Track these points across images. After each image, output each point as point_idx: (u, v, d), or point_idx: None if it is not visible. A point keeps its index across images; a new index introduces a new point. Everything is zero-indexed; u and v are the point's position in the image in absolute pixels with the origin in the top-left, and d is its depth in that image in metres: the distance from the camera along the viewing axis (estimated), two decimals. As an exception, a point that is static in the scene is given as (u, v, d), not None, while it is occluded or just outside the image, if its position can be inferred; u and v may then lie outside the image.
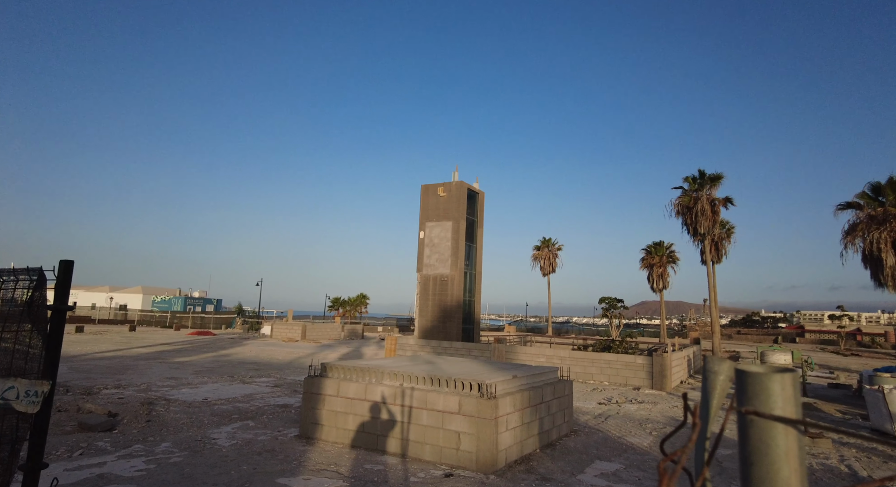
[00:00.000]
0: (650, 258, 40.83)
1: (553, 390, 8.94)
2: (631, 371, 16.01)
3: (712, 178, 28.82)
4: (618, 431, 9.52)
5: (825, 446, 8.64)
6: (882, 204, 22.70)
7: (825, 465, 7.68)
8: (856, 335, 60.16)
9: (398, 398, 7.74)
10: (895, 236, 21.85)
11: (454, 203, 21.63)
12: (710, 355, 2.23)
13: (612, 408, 11.89)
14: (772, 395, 0.72)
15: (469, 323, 21.82)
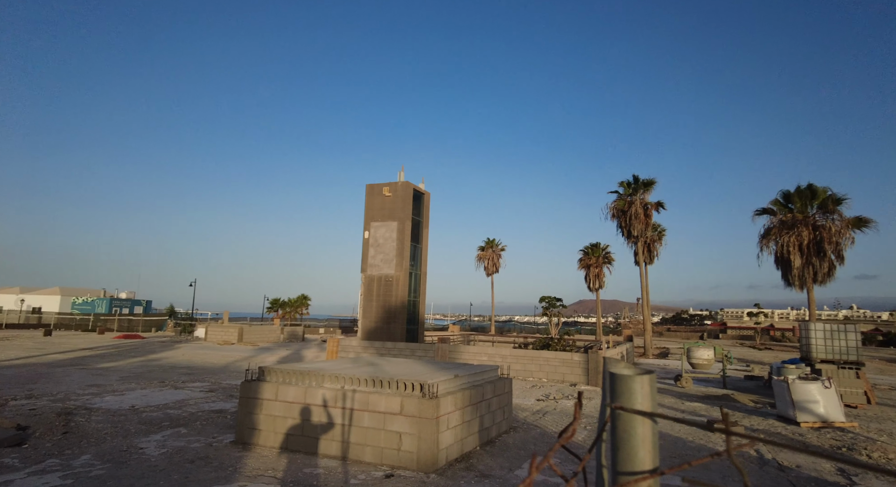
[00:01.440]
0: (587, 259, 42.46)
1: (493, 388, 9.15)
2: (568, 368, 16.63)
3: (645, 183, 30.41)
4: (554, 426, 9.88)
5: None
6: (791, 211, 24.84)
7: (738, 452, 8.34)
8: (769, 330, 65.36)
9: (339, 400, 7.66)
10: (802, 240, 23.98)
11: (399, 203, 21.60)
12: (609, 359, 2.44)
13: (550, 404, 12.31)
14: (633, 393, 0.84)
15: (413, 324, 21.86)
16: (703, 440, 9.03)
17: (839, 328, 14.26)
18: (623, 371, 0.89)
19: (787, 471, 7.29)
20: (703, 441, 8.91)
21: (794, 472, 7.26)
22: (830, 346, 14.29)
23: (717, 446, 8.63)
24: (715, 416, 11.23)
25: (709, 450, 8.34)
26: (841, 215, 23.87)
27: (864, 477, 7.08)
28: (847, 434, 9.82)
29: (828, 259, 24.17)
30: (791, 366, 14.17)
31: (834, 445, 8.89)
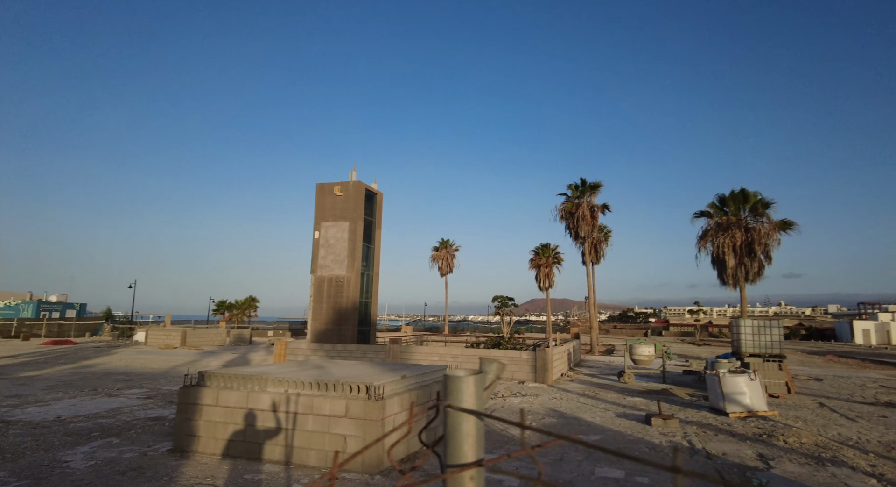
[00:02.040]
0: (538, 259, 43.42)
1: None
2: (517, 366, 16.97)
3: (592, 186, 31.43)
4: (500, 424, 10.07)
5: (673, 426, 9.89)
6: (726, 214, 26.31)
7: (672, 442, 8.80)
8: (708, 327, 68.97)
9: (283, 404, 7.52)
10: (735, 241, 25.45)
11: (351, 203, 21.36)
12: (486, 359, 2.60)
13: (498, 402, 12.54)
14: (461, 392, 0.92)
15: (365, 325, 21.67)
16: (640, 433, 9.45)
17: (765, 324, 15.26)
18: (454, 373, 0.97)
19: (714, 459, 7.76)
20: (641, 435, 9.33)
21: (721, 459, 7.74)
22: (757, 341, 15.27)
23: (653, 439, 9.06)
24: (653, 410, 11.77)
25: (646, 443, 8.74)
26: (769, 218, 25.51)
27: (779, 461, 7.63)
28: (769, 422, 10.54)
29: (758, 259, 25.76)
30: (724, 361, 15.04)
31: (756, 433, 9.53)
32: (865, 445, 8.95)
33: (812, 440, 9.01)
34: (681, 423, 10.26)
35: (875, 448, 8.78)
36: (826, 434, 9.62)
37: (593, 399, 13.35)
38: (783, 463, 7.55)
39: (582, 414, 11.20)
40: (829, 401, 13.80)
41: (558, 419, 10.66)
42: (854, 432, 9.92)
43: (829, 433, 9.79)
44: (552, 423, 10.18)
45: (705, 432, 9.62)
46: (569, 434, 1.01)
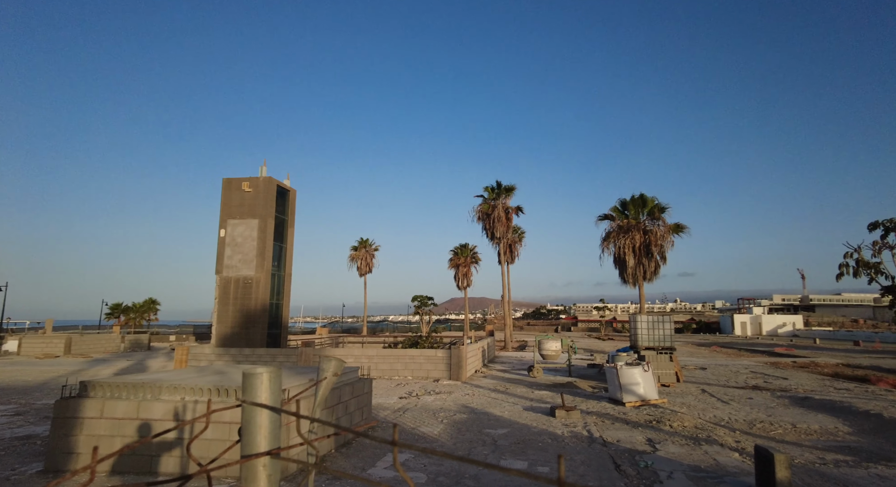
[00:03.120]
0: (457, 259, 44.13)
1: (352, 389, 9.12)
2: (432, 365, 17.14)
3: (507, 189, 32.48)
4: (413, 422, 10.13)
5: (575, 416, 10.50)
6: (627, 217, 28.31)
7: (573, 432, 9.34)
8: (612, 322, 73.84)
9: (180, 413, 7.05)
10: (635, 243, 27.47)
11: (261, 200, 20.41)
12: (324, 357, 2.71)
13: (412, 401, 12.60)
14: (256, 388, 0.96)
15: (276, 328, 20.81)
16: (545, 425, 9.92)
17: (658, 319, 16.64)
18: (251, 370, 1.00)
19: (609, 446, 8.34)
20: (546, 426, 9.80)
21: (615, 446, 8.34)
22: (652, 335, 16.61)
23: (555, 430, 9.55)
24: (558, 402, 12.41)
25: (549, 434, 9.19)
26: (664, 222, 27.82)
27: (664, 444, 8.38)
28: (659, 409, 11.51)
29: (654, 260, 27.98)
30: (623, 354, 16.19)
31: (647, 419, 10.37)
32: (734, 424, 10.07)
33: (692, 423, 9.96)
34: (582, 414, 10.91)
35: (741, 426, 9.91)
36: (704, 417, 10.70)
37: (504, 394, 13.82)
38: (667, 446, 8.29)
39: (492, 409, 11.56)
40: (709, 387, 15.33)
41: (469, 414, 10.91)
42: (726, 413, 11.12)
43: (707, 415, 10.89)
44: (463, 419, 10.41)
45: (603, 421, 10.31)
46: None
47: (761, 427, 9.94)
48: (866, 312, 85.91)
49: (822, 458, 7.77)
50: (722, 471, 6.95)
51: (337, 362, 2.68)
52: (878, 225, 17.54)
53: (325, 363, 2.70)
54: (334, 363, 2.65)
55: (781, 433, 9.51)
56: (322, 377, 2.74)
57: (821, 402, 12.58)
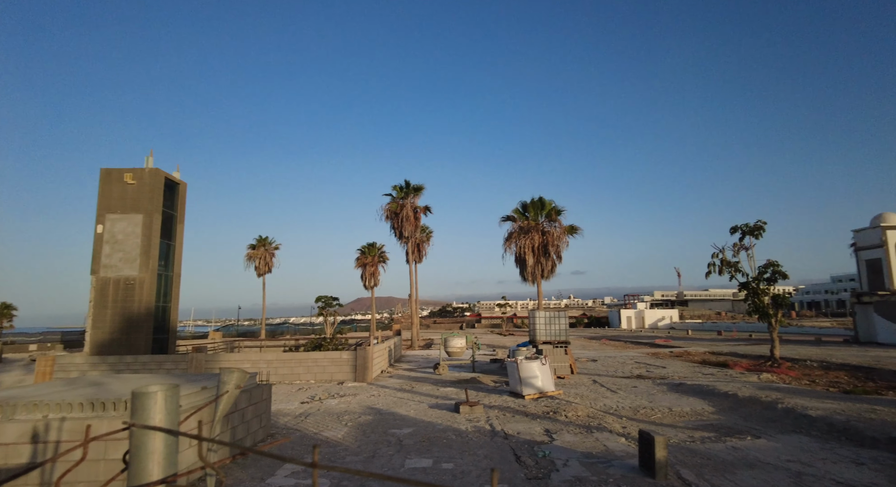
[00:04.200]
0: (364, 258, 43.49)
1: (249, 396, 8.61)
2: (337, 367, 16.72)
3: (415, 188, 32.62)
4: (316, 427, 9.80)
5: (478, 412, 10.79)
6: (527, 218, 29.68)
7: (477, 427, 9.59)
8: (513, 319, 77.05)
9: (42, 433, 6.19)
10: (534, 243, 28.88)
11: (147, 193, 18.57)
12: (225, 368, 2.59)
13: (315, 405, 12.19)
14: (148, 409, 0.88)
15: (163, 333, 19.07)
16: (450, 422, 10.09)
17: (554, 315, 17.63)
18: (144, 389, 0.91)
19: (510, 438, 8.68)
20: (450, 423, 9.97)
21: (515, 438, 8.69)
22: (549, 330, 17.57)
23: (459, 425, 9.75)
24: (462, 398, 12.68)
25: (453, 430, 9.36)
26: (560, 223, 29.57)
27: (560, 434, 8.90)
28: (555, 400, 12.20)
29: (551, 259, 29.64)
30: (523, 349, 16.94)
31: (545, 411, 10.95)
32: (621, 411, 10.97)
33: (585, 412, 10.69)
34: (485, 408, 11.25)
35: (627, 413, 10.81)
36: (595, 406, 11.52)
37: (410, 393, 13.84)
38: (563, 435, 8.81)
39: (398, 409, 11.52)
40: (600, 378, 16.55)
41: (374, 416, 10.79)
42: (614, 402, 12.07)
43: (598, 404, 11.74)
44: (368, 421, 10.26)
45: (505, 414, 10.71)
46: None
47: (644, 412, 10.91)
48: (727, 305, 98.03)
49: (692, 436, 8.71)
50: (611, 456, 7.52)
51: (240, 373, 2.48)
52: (737, 229, 20.04)
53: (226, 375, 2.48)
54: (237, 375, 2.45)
55: (660, 417, 10.52)
56: (223, 390, 2.51)
57: (692, 387, 14.10)
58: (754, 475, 6.65)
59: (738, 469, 6.91)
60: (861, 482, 6.41)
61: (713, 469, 6.88)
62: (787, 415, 10.14)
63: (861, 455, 7.58)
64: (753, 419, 10.13)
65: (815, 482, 6.39)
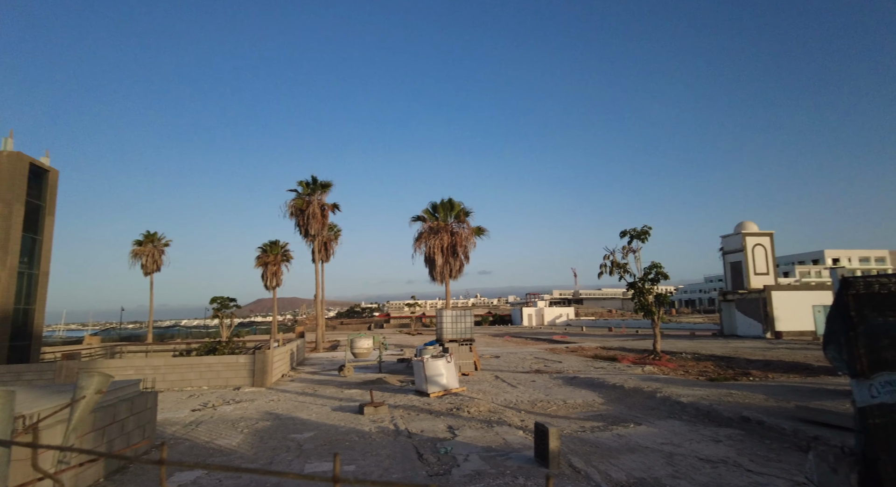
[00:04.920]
0: (265, 257, 41.49)
1: (131, 406, 7.85)
2: (233, 372, 15.78)
3: (323, 184, 31.71)
4: (208, 436, 9.17)
5: (383, 412, 10.74)
6: (437, 219, 30.07)
7: (381, 427, 9.54)
8: (422, 318, 77.63)
9: None
10: (443, 243, 29.33)
11: (6, 179, 16.19)
12: (85, 372, 2.44)
13: (207, 413, 11.40)
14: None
15: (24, 339, 16.73)
16: (353, 423, 9.93)
17: (460, 313, 18.04)
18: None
19: (414, 437, 8.73)
20: (354, 425, 9.81)
21: (419, 436, 8.76)
22: (455, 328, 17.93)
23: (363, 427, 9.63)
24: (367, 399, 12.54)
25: (357, 432, 9.22)
26: (468, 225, 30.32)
27: (462, 430, 9.12)
28: (459, 397, 12.48)
29: (459, 259, 30.29)
30: (430, 347, 17.11)
31: (449, 408, 11.16)
32: (520, 405, 11.49)
33: (487, 407, 11.05)
34: (390, 408, 11.21)
35: (525, 406, 11.35)
36: (497, 401, 11.96)
37: (312, 396, 13.43)
38: (465, 431, 9.04)
39: (299, 413, 11.13)
40: (502, 374, 17.19)
41: (273, 421, 10.32)
42: (514, 396, 12.61)
43: (499, 399, 12.20)
44: (267, 426, 9.80)
45: (409, 413, 10.76)
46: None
47: (541, 405, 11.52)
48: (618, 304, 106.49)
49: (582, 427, 9.34)
50: (509, 449, 7.85)
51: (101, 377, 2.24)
52: (626, 233, 21.85)
53: (84, 380, 2.23)
54: (97, 379, 2.22)
55: (555, 409, 11.16)
56: (80, 395, 2.26)
57: (584, 380, 15.13)
58: (635, 458, 7.29)
59: (621, 454, 7.53)
60: (717, 456, 7.28)
61: (600, 456, 7.43)
62: (664, 403, 11.23)
63: (719, 433, 8.60)
64: (637, 408, 11.09)
65: (682, 460, 7.14)
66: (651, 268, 21.17)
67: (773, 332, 31.60)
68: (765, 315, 32.33)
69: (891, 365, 2.91)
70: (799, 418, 8.83)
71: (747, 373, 15.22)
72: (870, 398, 2.97)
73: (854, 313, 3.15)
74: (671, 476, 6.51)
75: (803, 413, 8.88)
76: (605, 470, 6.74)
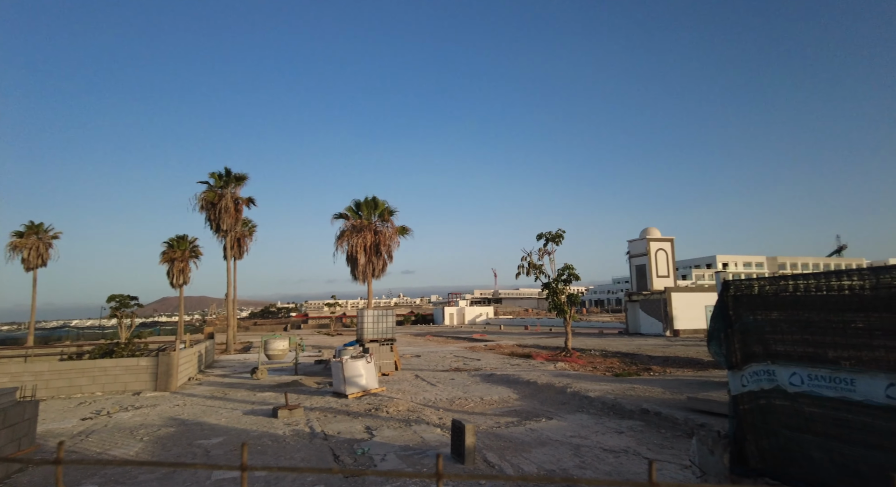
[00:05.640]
0: (172, 253, 38.74)
1: (4, 417, 7.01)
2: (132, 376, 14.58)
3: (237, 177, 30.15)
4: (101, 446, 8.41)
5: (298, 414, 10.43)
6: (360, 217, 29.67)
7: (295, 430, 9.26)
8: (342, 318, 76.16)
9: None
10: (366, 242, 28.99)
11: None
12: None
13: (101, 421, 10.44)
14: None
15: None
16: (266, 427, 9.55)
17: (382, 313, 17.92)
18: None
19: (330, 439, 8.57)
20: (267, 429, 9.44)
21: (336, 438, 8.61)
22: (376, 328, 17.78)
23: (277, 430, 9.30)
24: (282, 402, 12.11)
25: (269, 436, 8.88)
26: (392, 224, 30.20)
27: (380, 430, 9.09)
28: (378, 397, 12.40)
29: (383, 258, 30.08)
30: (349, 348, 16.84)
31: (367, 408, 11.06)
32: (439, 403, 11.64)
33: (406, 406, 11.08)
34: (306, 410, 10.91)
35: (444, 404, 11.53)
36: (416, 400, 12.03)
37: (222, 400, 12.74)
38: (383, 431, 9.01)
39: (207, 418, 10.51)
40: (422, 372, 17.31)
41: (178, 427, 9.67)
42: (433, 395, 12.76)
43: (418, 398, 12.28)
44: (170, 433, 9.16)
45: (326, 415, 10.53)
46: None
47: (459, 403, 11.74)
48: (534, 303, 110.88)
49: (498, 422, 9.66)
50: (427, 446, 7.93)
51: None
52: (542, 236, 22.85)
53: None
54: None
55: (473, 406, 11.43)
56: None
57: (501, 377, 15.62)
58: (545, 451, 7.66)
59: (533, 448, 7.88)
60: (620, 446, 7.84)
61: (513, 450, 7.73)
62: (574, 398, 11.88)
63: (622, 425, 9.26)
64: (549, 403, 11.64)
65: (588, 451, 7.61)
66: (564, 269, 22.28)
67: (671, 330, 34.43)
68: (665, 315, 35.13)
69: (757, 358, 3.32)
70: (689, 408, 9.72)
71: (649, 368, 16.48)
72: (741, 387, 3.38)
73: (732, 312, 3.55)
74: (578, 466, 6.92)
75: (693, 404, 9.79)
76: (517, 464, 7.02)
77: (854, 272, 3.06)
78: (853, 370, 2.91)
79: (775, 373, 3.22)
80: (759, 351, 3.28)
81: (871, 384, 2.82)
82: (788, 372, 3.17)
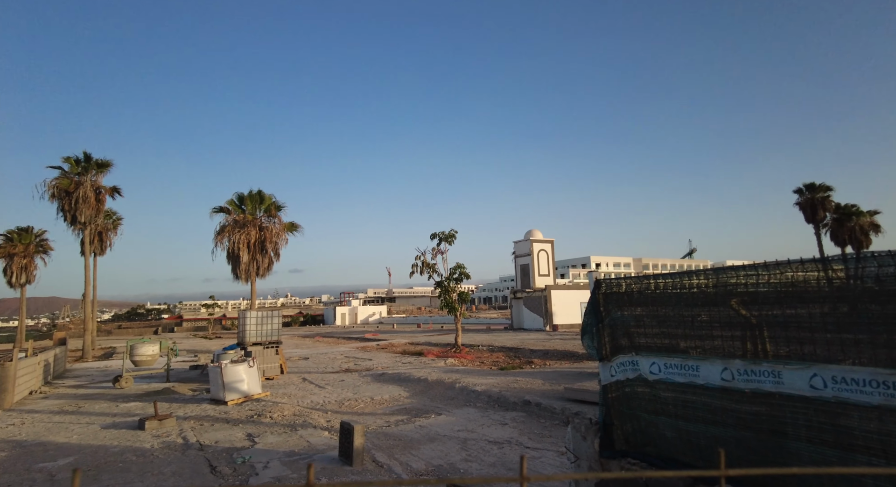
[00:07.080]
0: (11, 247, 33.31)
1: None
2: (-47, 393, 12.25)
3: (99, 163, 26.77)
4: None
5: (170, 425, 9.52)
6: (244, 212, 27.87)
7: (166, 442, 8.43)
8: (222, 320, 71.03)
9: None
10: (250, 239, 27.30)
11: None
12: None
13: None
14: None
15: None
16: (130, 442, 8.58)
17: (267, 314, 17.00)
18: None
19: (206, 449, 7.93)
20: (130, 443, 8.48)
21: (213, 448, 7.99)
22: (260, 330, 16.81)
23: (144, 444, 8.40)
24: (150, 412, 10.96)
25: (134, 451, 7.99)
26: (280, 220, 28.77)
27: (263, 436, 8.61)
28: (261, 402, 11.74)
29: (269, 256, 28.52)
30: (230, 352, 15.73)
31: (249, 415, 10.42)
32: (327, 406, 11.32)
33: (292, 411, 10.62)
34: (178, 420, 9.99)
35: (333, 406, 11.24)
36: (302, 404, 11.58)
37: (74, 415, 11.20)
38: (266, 437, 8.55)
39: (54, 436, 9.17)
40: (310, 375, 16.70)
41: (13, 450, 8.31)
42: (321, 397, 12.38)
43: (305, 402, 11.83)
44: (2, 458, 7.84)
45: (202, 424, 9.73)
46: None
47: (349, 404, 11.52)
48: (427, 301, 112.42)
49: (388, 421, 9.64)
50: (313, 450, 7.67)
51: None
52: (435, 236, 23.25)
53: None
54: None
55: (363, 406, 11.28)
56: None
57: (392, 375, 15.61)
58: (434, 447, 7.79)
59: (422, 444, 7.98)
60: (503, 438, 8.24)
61: (402, 448, 7.76)
62: (462, 392, 12.24)
63: (506, 417, 9.74)
64: (438, 399, 11.87)
65: (475, 444, 7.89)
66: (456, 269, 22.88)
67: (551, 325, 36.91)
68: (545, 311, 37.59)
69: (624, 350, 3.69)
70: (567, 398, 10.50)
71: (531, 362, 17.51)
72: (610, 376, 3.74)
73: (603, 308, 3.90)
74: (465, 459, 7.13)
75: (570, 394, 10.60)
76: (406, 462, 7.06)
77: (700, 272, 3.52)
78: (698, 358, 3.36)
79: (638, 363, 3.61)
80: (626, 344, 3.65)
81: (710, 369, 3.27)
82: (649, 362, 3.57)
